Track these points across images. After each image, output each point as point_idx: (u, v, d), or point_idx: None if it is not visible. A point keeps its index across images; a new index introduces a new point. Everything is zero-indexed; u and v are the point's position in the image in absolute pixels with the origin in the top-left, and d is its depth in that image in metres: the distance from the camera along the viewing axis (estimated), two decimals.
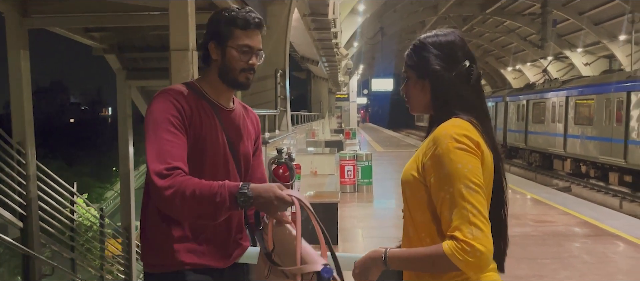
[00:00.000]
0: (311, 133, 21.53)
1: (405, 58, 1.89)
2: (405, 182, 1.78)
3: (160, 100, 2.04)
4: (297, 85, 37.93)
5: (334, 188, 11.94)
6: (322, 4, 12.87)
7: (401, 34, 50.10)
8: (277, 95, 9.72)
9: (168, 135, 1.97)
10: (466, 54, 1.83)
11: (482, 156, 1.69)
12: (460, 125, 1.71)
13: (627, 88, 18.01)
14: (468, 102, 1.78)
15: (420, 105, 1.88)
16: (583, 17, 34.47)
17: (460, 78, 1.79)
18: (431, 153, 1.68)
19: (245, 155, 2.24)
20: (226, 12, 2.14)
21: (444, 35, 1.85)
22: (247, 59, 2.11)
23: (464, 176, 1.61)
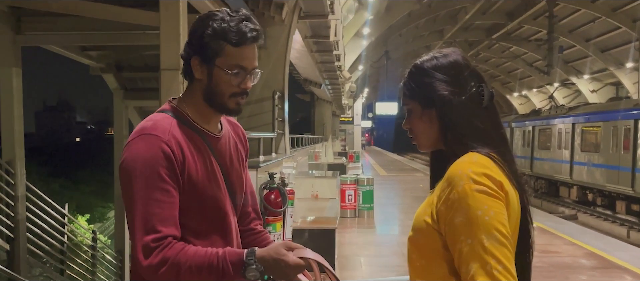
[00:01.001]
0: (314, 156, 21.28)
1: (403, 88, 1.61)
2: (419, 229, 1.52)
3: (145, 147, 1.65)
4: (301, 107, 37.95)
5: (334, 213, 11.67)
6: (323, 26, 12.74)
7: (406, 58, 50.01)
8: (275, 117, 9.52)
9: (157, 194, 1.62)
10: (473, 74, 1.57)
11: (507, 198, 1.43)
12: (478, 162, 1.44)
13: (635, 116, 17.80)
14: (484, 131, 1.52)
15: (430, 140, 1.60)
16: (590, 43, 34.39)
17: (472, 103, 1.53)
18: (445, 196, 1.42)
19: (239, 185, 1.93)
20: (214, 20, 1.72)
21: (443, 56, 1.58)
22: (239, 81, 1.75)
23: (486, 225, 1.36)
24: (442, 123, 1.53)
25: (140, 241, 1.60)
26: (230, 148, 1.89)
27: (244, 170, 1.97)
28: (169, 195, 1.64)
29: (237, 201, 1.90)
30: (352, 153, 30.56)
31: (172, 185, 1.65)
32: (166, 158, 1.65)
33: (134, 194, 1.62)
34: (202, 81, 1.75)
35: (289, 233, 5.45)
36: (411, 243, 1.56)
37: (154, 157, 1.64)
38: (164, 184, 1.64)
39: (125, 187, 1.65)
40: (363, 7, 23.15)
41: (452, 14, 36.44)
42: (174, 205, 1.65)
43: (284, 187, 5.16)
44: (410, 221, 6.32)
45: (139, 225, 1.61)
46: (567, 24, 33.52)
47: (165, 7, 5.31)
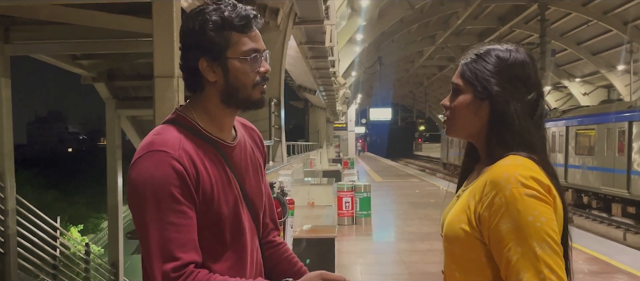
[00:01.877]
0: (309, 162, 21.18)
1: (464, 66, 1.48)
2: (454, 237, 1.40)
3: (154, 165, 1.48)
4: (295, 114, 37.85)
5: (332, 220, 11.57)
6: (318, 32, 12.63)
7: (399, 64, 50.17)
8: (271, 125, 9.37)
9: (172, 217, 1.46)
10: (537, 83, 1.46)
11: (554, 203, 1.33)
12: (525, 165, 1.34)
13: (629, 118, 17.80)
14: (530, 138, 1.41)
15: (468, 130, 1.48)
16: (581, 47, 34.56)
17: (525, 110, 1.42)
18: (489, 201, 1.31)
19: (259, 197, 1.73)
20: (211, 13, 1.54)
21: (516, 51, 1.46)
22: (258, 65, 1.59)
23: (538, 231, 1.26)
24: (493, 121, 1.42)
25: (158, 271, 1.44)
26: (247, 156, 1.70)
27: (262, 179, 1.78)
28: (186, 216, 1.49)
29: (258, 215, 1.72)
30: (347, 159, 30.49)
31: (187, 205, 1.49)
32: (179, 177, 1.48)
33: (146, 219, 1.46)
34: (217, 82, 1.58)
35: (290, 244, 5.31)
36: (448, 255, 1.44)
37: (165, 176, 1.47)
38: (178, 205, 1.48)
39: (136, 211, 1.49)
40: (356, 13, 23.12)
41: (444, 19, 36.49)
42: (191, 228, 1.49)
43: (284, 196, 5.02)
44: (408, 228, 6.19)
45: (155, 252, 1.45)
46: (559, 27, 33.64)
47: (158, 13, 5.16)
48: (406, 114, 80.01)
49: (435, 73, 57.63)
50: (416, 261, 8.66)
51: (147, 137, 1.58)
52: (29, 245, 8.02)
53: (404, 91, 75.13)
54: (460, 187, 1.56)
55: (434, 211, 13.97)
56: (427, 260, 8.70)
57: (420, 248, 9.56)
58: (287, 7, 9.45)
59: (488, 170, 1.38)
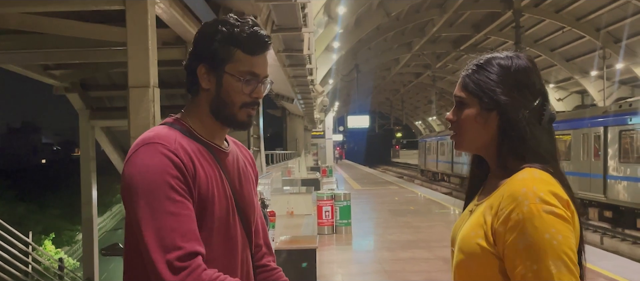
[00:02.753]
0: (287, 171, 21.05)
1: (465, 79, 1.43)
2: (470, 253, 1.34)
3: (150, 156, 1.46)
4: (273, 122, 37.67)
5: (311, 230, 11.45)
6: (296, 40, 12.54)
7: (376, 71, 50.37)
8: (250, 134, 9.21)
9: (171, 206, 1.42)
10: (541, 88, 1.42)
11: (573, 219, 1.29)
12: (542, 179, 1.29)
13: (603, 123, 18.04)
14: (542, 147, 1.37)
15: (477, 143, 1.42)
16: (555, 53, 35.07)
17: (533, 117, 1.38)
18: (505, 216, 1.27)
19: (251, 208, 1.70)
20: (224, 25, 1.57)
21: (517, 58, 1.42)
22: (251, 89, 1.59)
23: (555, 249, 1.21)
24: (502, 131, 1.37)
25: (160, 261, 1.37)
26: (239, 166, 1.69)
27: (254, 194, 1.76)
28: (184, 207, 1.44)
29: (249, 226, 1.68)
30: (325, 167, 30.40)
31: (185, 197, 1.46)
32: (176, 167, 1.46)
33: (142, 210, 1.41)
34: (210, 91, 1.59)
35: None
36: (461, 269, 1.37)
37: (161, 164, 1.45)
38: (176, 195, 1.44)
39: (132, 204, 1.44)
40: (333, 21, 23.11)
41: (420, 26, 36.72)
42: (191, 219, 1.45)
43: (265, 208, 4.89)
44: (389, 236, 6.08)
45: (154, 243, 1.38)
46: (533, 34, 34.12)
47: (133, 21, 5.00)
48: (383, 121, 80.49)
49: (411, 81, 57.98)
50: (398, 270, 8.58)
51: (143, 134, 1.56)
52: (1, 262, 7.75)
53: (380, 98, 75.50)
54: (470, 200, 1.51)
55: (414, 219, 13.95)
56: (409, 268, 8.63)
57: (402, 257, 9.49)
58: (265, 14, 9.33)
59: (505, 183, 1.33)
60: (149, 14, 4.99)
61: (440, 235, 11.46)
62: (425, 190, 25.42)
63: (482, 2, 31.72)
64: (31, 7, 5.79)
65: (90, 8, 6.13)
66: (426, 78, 53.44)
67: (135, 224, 1.43)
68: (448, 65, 48.50)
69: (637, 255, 13.89)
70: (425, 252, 9.71)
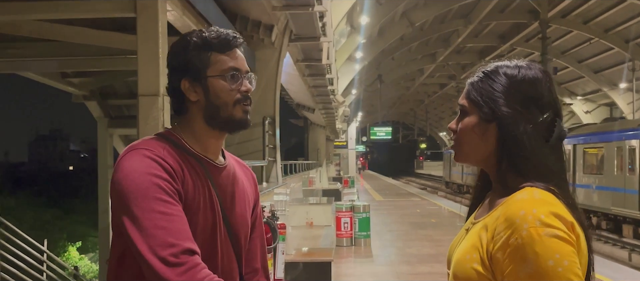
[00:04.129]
0: (308, 181, 20.94)
1: (469, 86, 1.36)
2: (465, 278, 1.25)
3: (136, 159, 1.45)
4: (295, 132, 37.67)
5: (330, 242, 11.29)
6: (315, 49, 12.46)
7: (399, 82, 50.15)
8: (265, 144, 9.13)
9: (160, 206, 1.38)
10: (552, 102, 1.30)
11: (578, 242, 1.18)
12: (543, 199, 1.19)
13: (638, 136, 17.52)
14: (545, 165, 1.25)
15: (475, 155, 1.34)
16: (583, 65, 34.51)
17: (539, 133, 1.27)
18: (502, 241, 1.17)
19: (243, 228, 1.66)
20: (192, 36, 1.59)
21: (528, 68, 1.32)
22: (239, 84, 1.58)
23: (559, 277, 1.12)
24: (501, 145, 1.28)
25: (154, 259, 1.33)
26: (234, 184, 1.65)
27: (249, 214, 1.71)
28: (174, 208, 1.41)
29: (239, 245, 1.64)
30: (347, 178, 30.23)
31: (174, 198, 1.43)
32: (164, 169, 1.45)
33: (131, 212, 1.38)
34: (200, 101, 1.58)
35: (281, 272, 5.03)
36: None
37: (149, 166, 1.44)
38: (165, 195, 1.41)
39: (120, 208, 1.41)
40: (355, 31, 23.03)
41: (444, 37, 36.48)
42: (182, 218, 1.41)
43: (275, 220, 4.77)
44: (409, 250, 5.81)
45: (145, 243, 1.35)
46: (560, 45, 33.60)
47: (143, 28, 4.95)
48: (407, 132, 79.97)
49: (436, 91, 57.60)
50: None
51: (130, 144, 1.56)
52: (14, 270, 7.74)
53: (404, 109, 75.12)
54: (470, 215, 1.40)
55: (436, 232, 13.69)
56: None
57: (422, 271, 9.27)
58: (282, 23, 9.26)
59: (502, 203, 1.24)
60: (159, 22, 4.95)
61: None
62: (447, 202, 25.05)
63: (508, 12, 31.39)
64: (44, 14, 5.80)
65: (102, 15, 6.13)
66: (451, 89, 53.02)
67: (124, 227, 1.39)
68: None
69: None
70: (445, 267, 9.45)
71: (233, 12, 7.61)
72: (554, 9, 27.74)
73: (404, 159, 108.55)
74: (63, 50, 8.02)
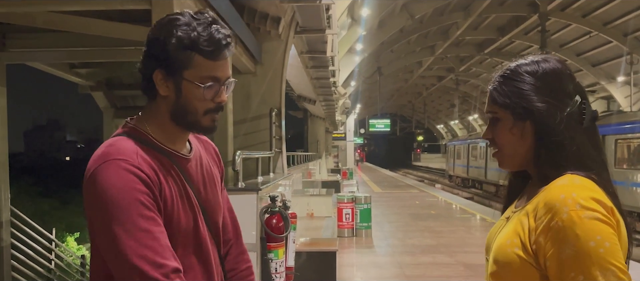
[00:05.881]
0: (307, 173, 21.01)
1: (493, 92, 1.38)
2: (506, 263, 1.27)
3: (115, 174, 1.37)
4: (294, 124, 37.71)
5: (331, 232, 11.38)
6: (320, 42, 12.52)
7: (398, 74, 50.15)
8: (272, 135, 9.22)
9: (144, 223, 1.35)
10: (576, 87, 1.34)
11: (618, 227, 1.20)
12: (583, 185, 1.22)
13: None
14: (583, 154, 1.29)
15: (518, 157, 1.36)
16: (581, 58, 34.58)
17: (572, 121, 1.30)
18: (544, 225, 1.20)
19: (218, 212, 1.66)
20: (179, 27, 1.44)
21: (544, 61, 1.36)
22: (213, 95, 1.49)
23: (601, 258, 1.14)
24: (537, 140, 1.30)
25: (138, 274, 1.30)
26: (202, 169, 1.63)
27: (220, 193, 1.71)
28: (156, 223, 1.38)
29: (217, 229, 1.65)
30: (346, 169, 30.31)
31: (155, 213, 1.39)
32: (143, 182, 1.39)
33: (114, 229, 1.33)
34: (169, 98, 1.49)
35: (292, 260, 5.14)
36: (496, 279, 1.30)
37: (128, 182, 1.37)
38: (148, 211, 1.37)
39: (100, 224, 1.36)
40: (356, 23, 23.06)
41: (443, 29, 36.48)
42: (164, 235, 1.39)
43: (286, 210, 4.86)
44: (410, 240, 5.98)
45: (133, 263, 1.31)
46: (558, 38, 33.66)
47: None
48: (405, 124, 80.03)
49: (434, 84, 57.62)
50: (419, 275, 8.49)
51: (98, 151, 1.46)
52: (23, 257, 7.84)
53: (402, 101, 75.13)
54: (508, 207, 1.45)
55: (435, 223, 13.81)
56: (430, 273, 8.53)
57: (423, 261, 9.39)
58: (289, 16, 9.33)
59: (543, 190, 1.26)
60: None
61: (462, 240, 11.32)
62: (446, 194, 25.19)
63: (507, 5, 31.41)
64: (58, 5, 5.86)
65: (116, 7, 6.18)
66: (449, 81, 53.09)
67: (107, 247, 1.36)
68: (472, 68, 48.11)
69: None
70: (446, 257, 9.60)
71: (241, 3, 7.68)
72: (553, 2, 27.79)
73: (402, 151, 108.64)
74: (72, 41, 8.08)
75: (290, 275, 5.09)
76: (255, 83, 9.34)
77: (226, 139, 7.54)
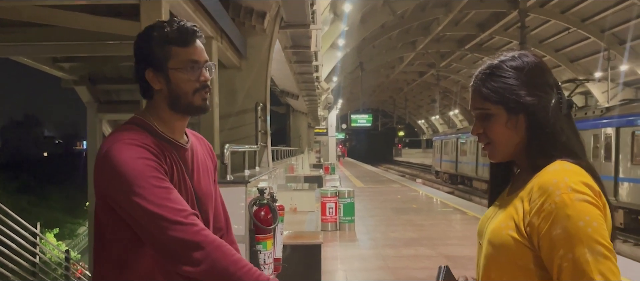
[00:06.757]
0: (290, 168, 21.08)
1: (482, 89, 1.43)
2: (501, 246, 1.36)
3: (128, 149, 1.60)
4: (277, 119, 37.63)
5: (315, 226, 11.47)
6: (304, 36, 12.57)
7: (380, 70, 50.37)
8: (258, 129, 9.27)
9: (158, 182, 1.57)
10: (554, 80, 1.44)
11: (604, 210, 1.30)
12: (574, 171, 1.31)
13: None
14: (572, 141, 1.39)
15: (509, 149, 1.43)
16: (560, 54, 35.06)
17: (558, 111, 1.40)
18: (538, 207, 1.28)
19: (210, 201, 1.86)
20: (153, 30, 1.75)
21: (525, 56, 1.43)
22: (198, 75, 1.74)
23: (589, 237, 1.23)
24: (532, 132, 1.38)
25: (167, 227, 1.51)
26: (198, 160, 1.85)
27: (213, 185, 1.93)
28: (168, 183, 1.61)
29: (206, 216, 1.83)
30: (328, 164, 30.42)
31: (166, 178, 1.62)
32: (153, 154, 1.63)
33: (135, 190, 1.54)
34: (162, 90, 1.74)
35: (280, 251, 5.22)
36: (490, 260, 1.39)
37: (141, 153, 1.61)
38: (159, 174, 1.60)
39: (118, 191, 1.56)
40: (338, 19, 23.15)
41: (424, 25, 36.73)
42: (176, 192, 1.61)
43: (274, 202, 4.93)
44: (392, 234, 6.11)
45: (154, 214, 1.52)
46: (538, 34, 34.10)
47: (147, 14, 5.04)
48: (386, 120, 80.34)
49: (415, 79, 57.99)
50: (402, 267, 8.61)
51: (109, 136, 1.70)
52: (6, 251, 7.80)
53: (384, 96, 75.48)
54: (494, 198, 1.54)
55: (417, 217, 13.97)
56: (413, 265, 8.66)
57: (406, 254, 9.52)
58: (274, 10, 9.36)
59: (536, 176, 1.35)
60: (162, 8, 5.05)
61: (443, 233, 11.48)
62: (427, 188, 25.43)
63: (487, 1, 31.73)
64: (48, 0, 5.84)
65: (104, 2, 6.19)
66: (430, 77, 53.48)
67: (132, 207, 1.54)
68: (452, 64, 48.51)
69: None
70: (428, 250, 9.74)
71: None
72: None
73: (383, 147, 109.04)
74: (57, 35, 8.02)
75: (278, 266, 5.17)
76: (240, 77, 9.38)
77: (212, 133, 7.57)
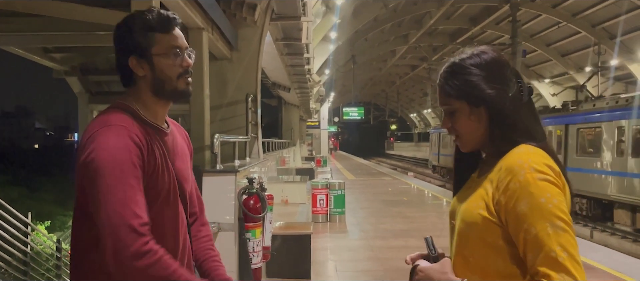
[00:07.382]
0: (281, 160, 21.13)
1: (445, 87, 1.58)
2: (472, 223, 1.49)
3: (115, 136, 1.65)
4: (269, 112, 37.66)
5: (306, 218, 11.55)
6: (295, 29, 12.59)
7: (372, 63, 50.42)
8: (248, 121, 9.31)
9: (133, 180, 1.63)
10: (512, 70, 1.57)
11: (564, 189, 1.43)
12: (536, 152, 1.45)
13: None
14: (529, 127, 1.53)
15: (476, 139, 1.57)
16: (551, 48, 35.24)
17: (516, 100, 1.53)
18: (504, 186, 1.42)
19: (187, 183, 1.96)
20: (135, 19, 1.81)
21: (483, 53, 1.57)
22: (181, 60, 1.82)
23: (550, 212, 1.36)
24: (494, 122, 1.51)
25: (123, 225, 1.56)
26: (176, 144, 1.94)
27: (189, 170, 2.02)
28: (140, 182, 1.67)
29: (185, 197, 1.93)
30: (320, 157, 30.50)
31: (141, 175, 1.68)
32: (137, 147, 1.68)
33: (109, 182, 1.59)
34: (146, 76, 1.80)
35: (268, 240, 5.31)
36: (462, 238, 1.53)
37: (126, 145, 1.66)
38: (137, 171, 1.66)
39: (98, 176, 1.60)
40: (330, 11, 23.15)
41: (417, 18, 36.79)
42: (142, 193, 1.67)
43: (263, 192, 5.01)
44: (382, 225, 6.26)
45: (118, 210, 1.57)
46: (529, 28, 34.23)
47: (138, 5, 5.08)
48: (378, 113, 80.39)
49: (407, 73, 58.05)
50: (391, 258, 8.71)
51: (97, 118, 1.76)
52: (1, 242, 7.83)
53: (376, 90, 75.52)
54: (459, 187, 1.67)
55: (408, 209, 14.07)
56: (402, 256, 8.54)
57: (395, 245, 9.62)
58: (265, 2, 9.38)
59: (503, 159, 1.47)
60: (153, 1, 5.09)
61: (433, 225, 11.58)
62: (418, 181, 25.58)
63: None
64: None
65: None
66: (422, 70, 53.53)
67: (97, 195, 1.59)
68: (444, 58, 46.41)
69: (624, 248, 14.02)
70: (417, 241, 9.82)
71: None
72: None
73: (375, 140, 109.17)
74: (49, 26, 8.03)
75: (267, 254, 5.25)
76: (231, 69, 9.41)
77: (203, 124, 7.62)
